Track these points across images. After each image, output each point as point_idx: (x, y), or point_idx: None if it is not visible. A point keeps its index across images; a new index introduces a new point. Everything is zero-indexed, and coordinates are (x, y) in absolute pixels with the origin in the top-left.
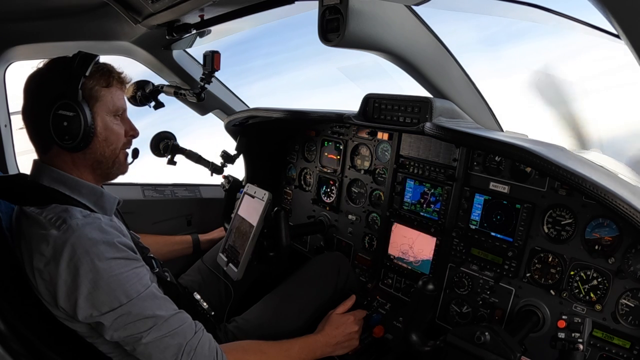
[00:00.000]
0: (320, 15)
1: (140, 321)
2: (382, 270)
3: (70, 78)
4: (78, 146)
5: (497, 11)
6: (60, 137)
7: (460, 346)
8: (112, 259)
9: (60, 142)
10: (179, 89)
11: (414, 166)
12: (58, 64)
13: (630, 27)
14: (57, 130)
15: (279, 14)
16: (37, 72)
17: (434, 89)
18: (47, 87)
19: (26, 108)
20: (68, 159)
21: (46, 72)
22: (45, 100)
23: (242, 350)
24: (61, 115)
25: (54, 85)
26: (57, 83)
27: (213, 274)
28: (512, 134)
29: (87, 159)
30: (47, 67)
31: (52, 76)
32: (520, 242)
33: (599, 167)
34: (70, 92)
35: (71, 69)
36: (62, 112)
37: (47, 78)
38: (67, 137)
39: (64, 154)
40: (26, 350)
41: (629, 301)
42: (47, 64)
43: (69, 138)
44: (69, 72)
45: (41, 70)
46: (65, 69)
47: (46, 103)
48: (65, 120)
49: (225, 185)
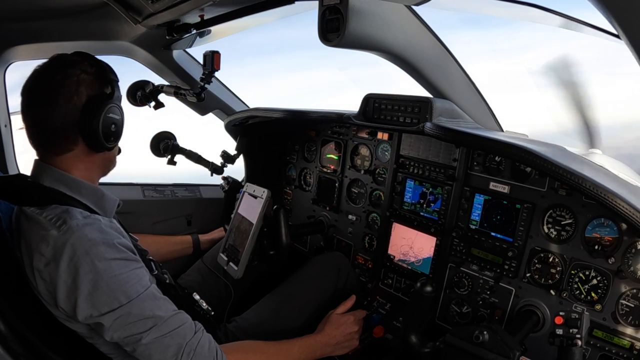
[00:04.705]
0: (320, 15)
1: (140, 322)
2: (382, 270)
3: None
4: (113, 147)
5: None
6: (107, 140)
7: (460, 346)
8: (112, 259)
9: (106, 144)
10: (179, 89)
11: (414, 166)
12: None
13: (630, 27)
14: (105, 133)
15: (279, 14)
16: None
17: (434, 89)
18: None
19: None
20: (87, 159)
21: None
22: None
23: (242, 351)
24: (110, 118)
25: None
26: (94, 86)
27: (213, 274)
28: (512, 134)
29: (105, 158)
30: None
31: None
32: (520, 242)
33: (599, 167)
34: (116, 96)
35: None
36: (112, 115)
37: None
38: (112, 139)
39: (86, 156)
40: (26, 350)
41: (629, 301)
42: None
43: (114, 139)
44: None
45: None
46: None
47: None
48: (114, 123)
49: (224, 186)
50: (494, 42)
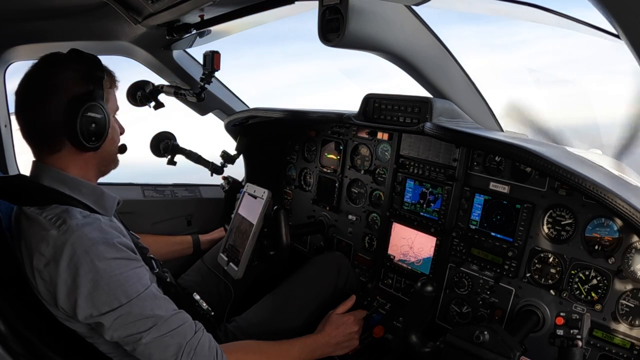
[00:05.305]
0: (320, 15)
1: (140, 321)
2: (382, 270)
3: (92, 79)
4: (99, 147)
5: (497, 11)
6: (87, 139)
7: (460, 346)
8: (112, 259)
9: (86, 144)
10: (179, 89)
11: (414, 166)
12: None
13: (630, 27)
14: (85, 132)
15: (279, 14)
16: (42, 73)
17: (434, 89)
18: (65, 89)
19: (29, 110)
20: (79, 158)
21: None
22: (66, 103)
23: (242, 350)
24: (90, 117)
25: (75, 87)
26: (78, 84)
27: (213, 274)
28: (512, 134)
29: (97, 157)
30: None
31: (69, 77)
32: (520, 242)
33: (599, 167)
34: (97, 94)
35: (89, 69)
36: (91, 114)
37: (63, 79)
38: (93, 139)
39: (75, 155)
40: (26, 350)
41: (629, 301)
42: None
43: (95, 139)
44: (88, 73)
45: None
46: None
47: (68, 105)
48: (94, 122)
49: (224, 186)
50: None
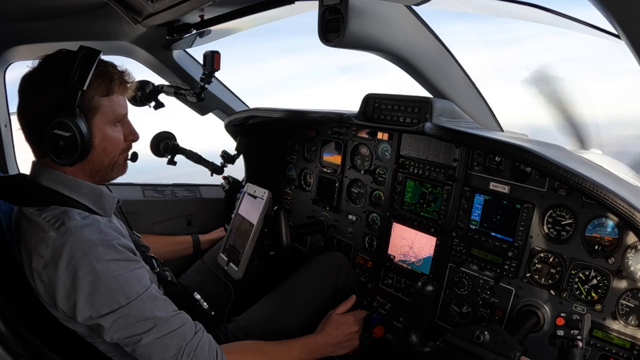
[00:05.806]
0: (320, 15)
1: (139, 322)
2: (382, 270)
3: (68, 90)
4: (74, 162)
5: (497, 11)
6: (57, 155)
7: (460, 346)
8: (111, 260)
9: (56, 159)
10: (179, 89)
11: (414, 166)
12: (55, 68)
13: (630, 27)
14: (53, 148)
15: (279, 14)
16: (32, 74)
17: (434, 89)
18: (42, 96)
19: (21, 112)
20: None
21: (43, 76)
22: (41, 111)
23: (242, 351)
24: (57, 135)
25: (50, 95)
26: (54, 93)
27: (213, 274)
28: (512, 134)
29: (85, 168)
30: (44, 70)
31: (48, 82)
32: (520, 242)
33: (599, 167)
34: (67, 109)
35: (69, 77)
36: (58, 131)
37: (43, 83)
38: (63, 156)
39: None
40: (26, 350)
41: (629, 301)
42: (44, 65)
43: (65, 156)
44: (66, 81)
45: (37, 72)
46: (64, 76)
47: (42, 115)
48: (61, 140)
49: (225, 185)
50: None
